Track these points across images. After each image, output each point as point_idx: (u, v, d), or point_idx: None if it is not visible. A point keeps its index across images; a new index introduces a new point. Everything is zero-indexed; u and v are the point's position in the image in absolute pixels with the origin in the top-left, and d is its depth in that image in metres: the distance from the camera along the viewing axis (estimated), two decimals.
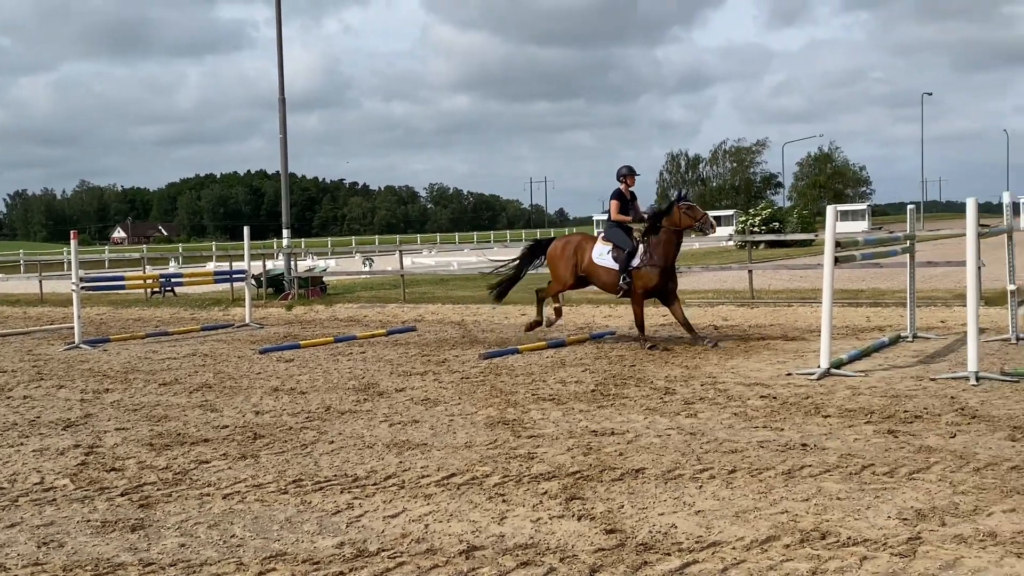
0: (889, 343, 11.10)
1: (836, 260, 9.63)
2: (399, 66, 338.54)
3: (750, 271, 17.75)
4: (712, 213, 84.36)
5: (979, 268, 15.05)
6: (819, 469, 5.69)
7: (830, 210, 9.68)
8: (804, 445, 6.31)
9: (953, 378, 8.63)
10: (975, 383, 8.33)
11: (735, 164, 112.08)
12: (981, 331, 11.32)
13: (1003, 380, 8.44)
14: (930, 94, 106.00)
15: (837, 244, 9.65)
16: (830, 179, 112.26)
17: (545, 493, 5.37)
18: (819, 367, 9.13)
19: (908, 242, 11.82)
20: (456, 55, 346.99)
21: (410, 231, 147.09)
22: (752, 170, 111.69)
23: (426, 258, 44.16)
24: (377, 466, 6.15)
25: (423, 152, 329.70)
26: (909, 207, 12.42)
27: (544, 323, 12.98)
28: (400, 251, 23.19)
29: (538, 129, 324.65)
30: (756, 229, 42.93)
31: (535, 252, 13.08)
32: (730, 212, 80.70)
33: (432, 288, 23.08)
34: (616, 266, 11.85)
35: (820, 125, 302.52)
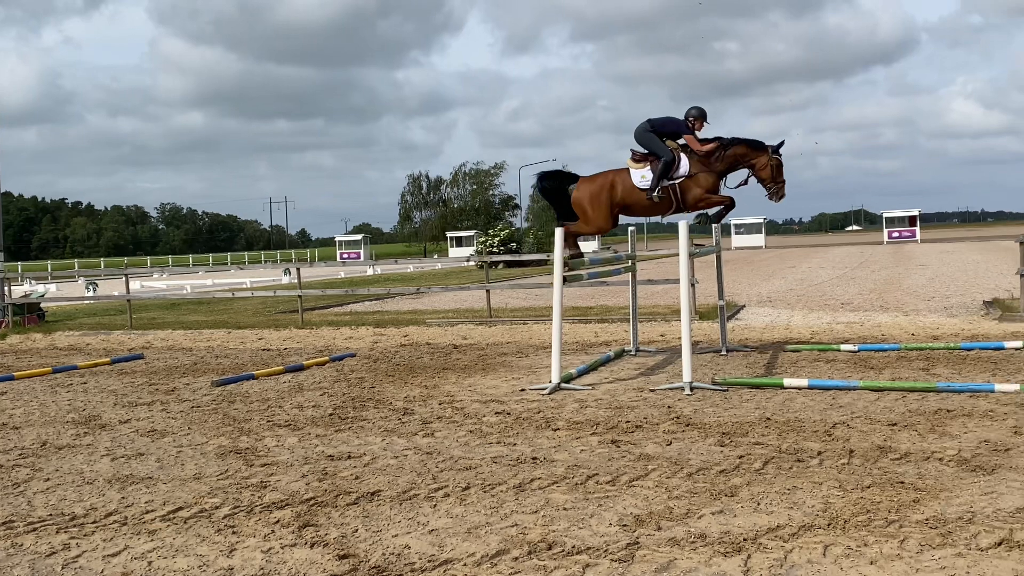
0: (614, 357, 11.70)
1: (565, 280, 10.07)
2: (125, 80, 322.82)
3: (488, 291, 18.22)
4: (453, 234, 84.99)
5: (692, 285, 16.19)
6: (548, 481, 5.90)
7: (558, 232, 10.10)
8: (535, 458, 6.53)
9: (670, 389, 9.21)
10: (689, 393, 8.94)
11: (475, 186, 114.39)
12: (695, 344, 12.17)
13: (714, 389, 9.09)
14: None
15: (565, 264, 10.09)
16: None
17: (277, 522, 5.26)
18: (550, 382, 9.49)
19: (629, 262, 12.52)
20: (188, 71, 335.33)
21: (140, 253, 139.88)
22: (491, 192, 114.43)
23: (157, 281, 42.10)
24: (97, 503, 5.80)
25: (153, 170, 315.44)
26: (630, 229, 13.15)
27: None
28: (127, 274, 21.95)
29: (277, 148, 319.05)
30: (495, 250, 44.09)
31: (558, 183, 11.40)
32: (470, 233, 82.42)
33: (162, 313, 22.06)
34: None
35: (553, 150, 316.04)
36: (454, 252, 79.87)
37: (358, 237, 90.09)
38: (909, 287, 22.23)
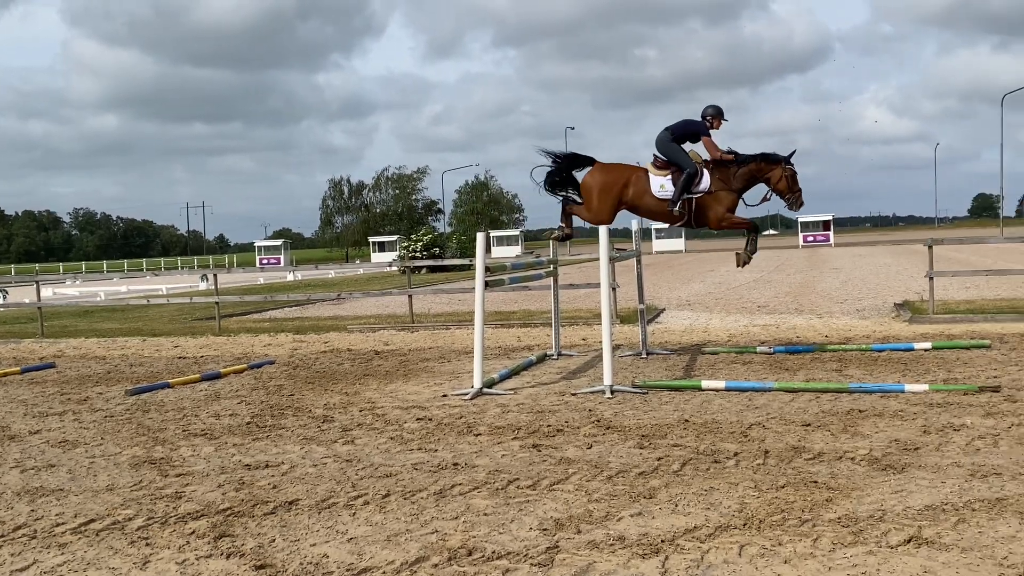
0: (537, 361, 11.74)
1: (487, 284, 10.07)
2: (37, 82, 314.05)
3: (410, 296, 18.14)
4: (375, 239, 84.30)
5: (613, 289, 16.32)
6: (469, 487, 5.89)
7: (480, 237, 10.12)
8: (456, 464, 6.51)
9: (591, 392, 9.27)
10: (610, 396, 9.01)
11: (397, 191, 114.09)
12: (616, 347, 12.28)
13: (634, 392, 9.18)
14: (573, 128, 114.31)
15: (487, 269, 10.09)
16: (486, 206, 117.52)
17: (193, 533, 5.15)
18: (473, 387, 9.48)
19: (551, 266, 12.59)
20: (102, 73, 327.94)
21: (52, 259, 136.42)
22: (414, 197, 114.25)
23: (69, 288, 41.00)
24: (5, 516, 5.63)
25: (66, 174, 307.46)
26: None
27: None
28: (38, 281, 21.35)
29: (194, 152, 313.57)
30: (418, 255, 43.92)
31: (570, 165, 11.22)
32: (393, 238, 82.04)
33: (75, 321, 21.50)
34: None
35: (476, 154, 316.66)
36: (376, 257, 79.41)
37: (278, 242, 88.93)
38: (823, 290, 22.73)
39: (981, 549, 4.44)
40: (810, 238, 74.85)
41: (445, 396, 9.49)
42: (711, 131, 10.95)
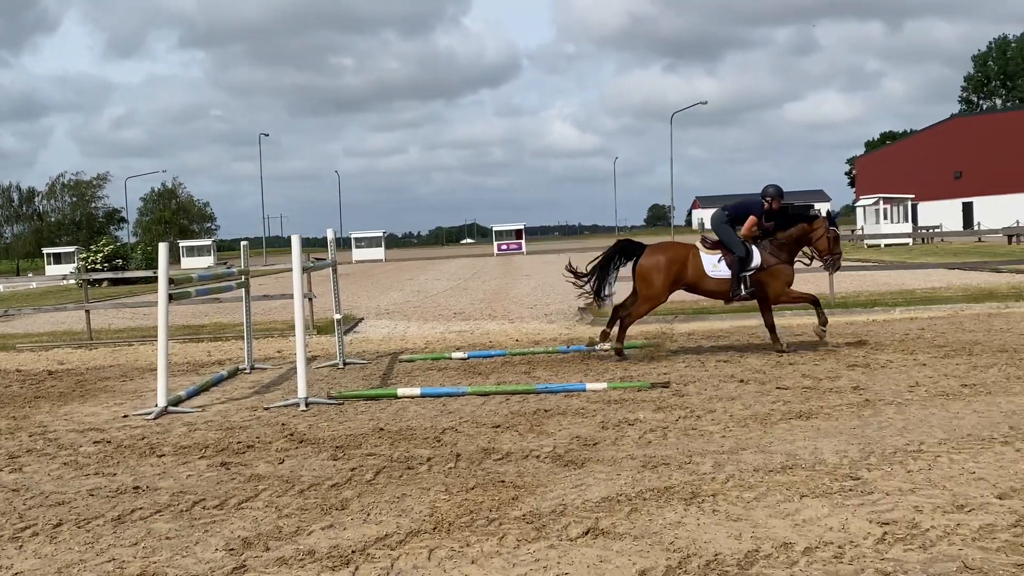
0: (228, 376, 11.33)
1: (171, 297, 9.60)
2: None
3: (88, 311, 16.98)
4: (50, 250, 78.13)
5: (309, 299, 16.12)
6: (150, 511, 5.58)
7: (162, 247, 9.62)
8: (136, 488, 6.15)
9: (285, 405, 9.07)
10: (305, 408, 8.86)
11: (75, 198, 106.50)
12: (313, 359, 12.13)
13: (330, 403, 9.09)
14: (267, 135, 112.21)
15: (171, 281, 9.62)
16: (175, 215, 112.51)
17: None
18: (156, 406, 9.00)
19: (243, 277, 12.21)
20: None
21: None
22: (94, 204, 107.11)
23: None
24: None
25: None
26: (243, 243, 12.85)
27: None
28: None
29: None
30: (98, 267, 41.21)
31: (623, 253, 11.81)
32: (71, 249, 76.50)
33: None
34: (730, 274, 11.09)
35: (163, 160, 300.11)
36: (51, 270, 73.71)
37: None
38: (515, 296, 23.62)
39: (651, 536, 4.76)
40: (504, 246, 77.56)
41: (126, 416, 8.95)
42: (768, 209, 11.41)
